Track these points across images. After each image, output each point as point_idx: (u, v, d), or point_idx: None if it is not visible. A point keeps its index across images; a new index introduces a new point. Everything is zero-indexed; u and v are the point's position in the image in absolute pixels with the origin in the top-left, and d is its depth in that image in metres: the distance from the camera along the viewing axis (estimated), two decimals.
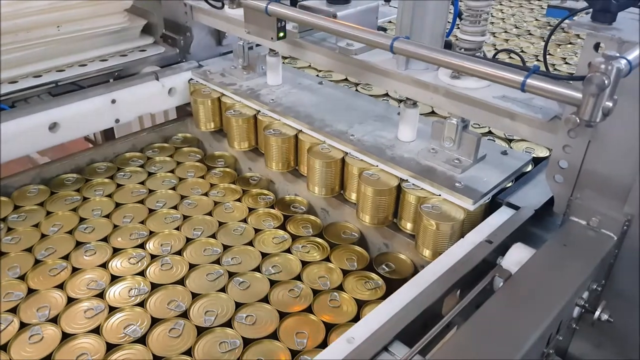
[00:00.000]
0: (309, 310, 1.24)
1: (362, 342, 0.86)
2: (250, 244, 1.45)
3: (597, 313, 1.02)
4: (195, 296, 1.26)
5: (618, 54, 0.81)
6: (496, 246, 1.09)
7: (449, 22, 1.33)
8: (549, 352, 1.00)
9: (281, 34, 1.39)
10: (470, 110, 1.24)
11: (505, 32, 2.78)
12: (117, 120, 1.78)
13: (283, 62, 1.85)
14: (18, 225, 1.48)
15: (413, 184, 1.34)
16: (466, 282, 1.02)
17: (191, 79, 1.90)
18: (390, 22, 2.55)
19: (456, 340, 0.85)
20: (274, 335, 1.17)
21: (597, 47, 0.98)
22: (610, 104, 0.83)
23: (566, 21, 1.20)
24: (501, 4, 3.32)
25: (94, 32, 1.84)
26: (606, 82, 0.80)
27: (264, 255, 1.40)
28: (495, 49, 2.37)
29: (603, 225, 1.08)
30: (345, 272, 1.36)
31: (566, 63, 2.36)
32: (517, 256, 1.05)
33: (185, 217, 1.54)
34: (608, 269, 1.11)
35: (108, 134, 2.14)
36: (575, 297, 0.98)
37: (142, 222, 1.51)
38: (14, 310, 1.22)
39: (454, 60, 1.05)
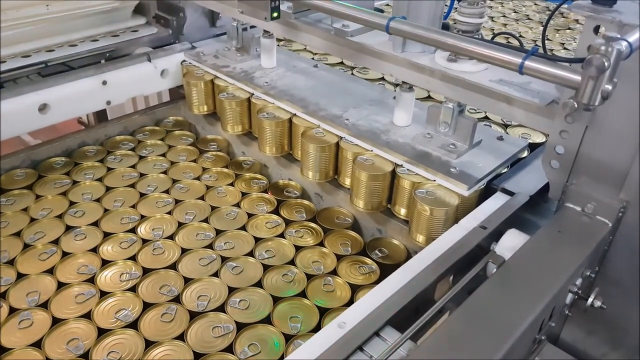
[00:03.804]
0: (303, 295, 1.23)
1: (354, 327, 0.85)
2: (243, 228, 1.44)
3: (590, 300, 1.02)
4: (187, 281, 1.25)
5: (619, 36, 0.79)
6: (490, 232, 1.08)
7: (446, 5, 1.31)
8: (541, 338, 1.00)
9: (275, 14, 1.36)
10: (466, 94, 1.22)
11: (504, 16, 2.74)
12: (108, 102, 1.75)
13: (278, 45, 1.82)
14: (6, 209, 1.46)
15: (408, 169, 1.32)
16: (459, 267, 1.01)
17: (184, 61, 1.87)
18: (387, 4, 2.51)
19: (448, 326, 0.85)
20: (267, 320, 1.16)
21: (596, 30, 0.96)
22: (609, 87, 0.82)
23: (565, 6, 1.18)
24: None
25: (84, 11, 1.81)
26: (606, 64, 0.78)
27: (257, 239, 1.39)
28: (493, 33, 2.35)
29: (598, 211, 1.07)
30: (339, 257, 1.35)
31: (564, 48, 2.33)
32: (511, 242, 1.04)
33: (177, 202, 1.52)
34: (602, 256, 1.10)
35: (101, 116, 2.12)
36: (568, 283, 0.97)
37: (133, 207, 1.50)
38: (3, 295, 1.20)
39: (451, 41, 1.03)
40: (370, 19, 1.15)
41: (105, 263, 1.30)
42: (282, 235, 1.42)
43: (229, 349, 1.10)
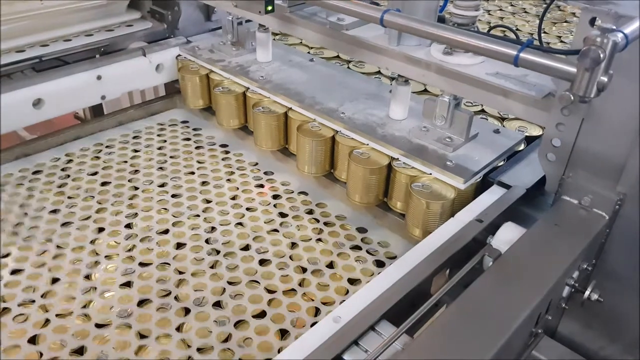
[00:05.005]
0: (300, 289, 1.23)
1: (349, 321, 0.85)
2: (240, 222, 1.43)
3: (587, 293, 1.02)
4: (183, 275, 1.25)
5: (614, 27, 0.79)
6: (486, 225, 1.08)
7: None
8: (538, 332, 1.00)
9: (269, 8, 1.35)
10: (462, 87, 1.21)
11: (500, 9, 2.73)
12: (103, 97, 1.74)
13: (274, 39, 1.81)
14: (1, 203, 1.45)
15: (404, 163, 1.32)
16: (455, 261, 1.01)
17: (179, 55, 1.86)
18: None
19: (444, 320, 0.84)
20: (263, 314, 1.16)
21: (593, 22, 0.95)
22: (605, 79, 0.81)
23: None
24: None
25: (79, 6, 1.80)
26: (602, 55, 0.77)
27: (254, 234, 1.39)
28: (490, 27, 2.33)
29: (595, 204, 1.06)
30: (336, 251, 1.34)
31: (561, 41, 2.33)
32: (507, 235, 1.04)
33: (173, 196, 1.52)
34: (599, 249, 1.10)
35: (97, 111, 2.11)
36: (565, 276, 0.97)
37: (129, 201, 1.49)
38: None
39: (446, 34, 1.02)
40: (364, 12, 1.14)
41: (100, 258, 1.30)
42: (278, 230, 1.41)
43: (225, 341, 1.10)
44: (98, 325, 1.12)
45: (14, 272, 1.25)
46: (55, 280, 1.23)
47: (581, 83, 0.82)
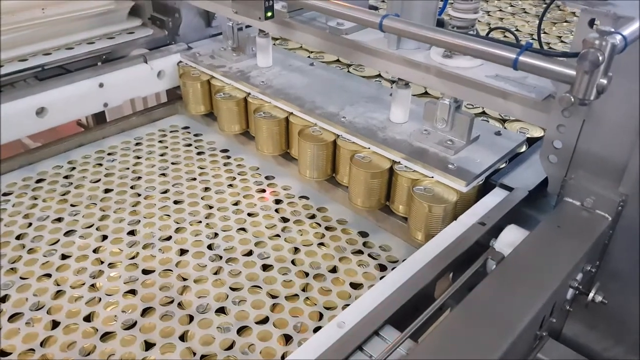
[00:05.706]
0: (302, 294, 1.23)
1: (353, 327, 0.85)
2: (242, 228, 1.43)
3: (591, 295, 1.01)
4: (187, 282, 1.25)
5: (613, 30, 0.79)
6: (489, 228, 1.08)
7: (441, 0, 1.30)
8: (542, 335, 1.00)
9: (269, 14, 1.35)
10: (462, 90, 1.21)
11: (500, 10, 2.73)
12: (105, 104, 1.75)
13: (274, 44, 1.81)
14: (5, 212, 1.46)
15: (405, 166, 1.32)
16: (459, 264, 1.01)
17: (180, 62, 1.86)
18: (383, 1, 2.50)
19: (448, 324, 0.84)
20: (267, 320, 1.16)
21: (592, 23, 0.95)
22: (604, 81, 0.81)
23: None
24: None
25: (80, 14, 1.81)
26: (600, 58, 0.77)
27: (256, 239, 1.39)
28: (489, 28, 2.34)
29: (597, 205, 1.06)
30: (338, 256, 1.34)
31: (562, 42, 2.32)
32: (510, 238, 1.04)
33: (175, 202, 1.52)
34: (602, 250, 1.09)
35: (99, 118, 2.12)
36: (568, 278, 0.97)
37: (131, 208, 1.49)
38: (3, 299, 1.20)
39: (444, 38, 1.02)
40: (364, 17, 1.15)
41: (104, 265, 1.30)
42: (280, 235, 1.41)
43: (229, 349, 1.10)
44: (103, 337, 1.12)
45: (19, 279, 1.25)
46: (59, 288, 1.23)
47: (580, 86, 0.82)
